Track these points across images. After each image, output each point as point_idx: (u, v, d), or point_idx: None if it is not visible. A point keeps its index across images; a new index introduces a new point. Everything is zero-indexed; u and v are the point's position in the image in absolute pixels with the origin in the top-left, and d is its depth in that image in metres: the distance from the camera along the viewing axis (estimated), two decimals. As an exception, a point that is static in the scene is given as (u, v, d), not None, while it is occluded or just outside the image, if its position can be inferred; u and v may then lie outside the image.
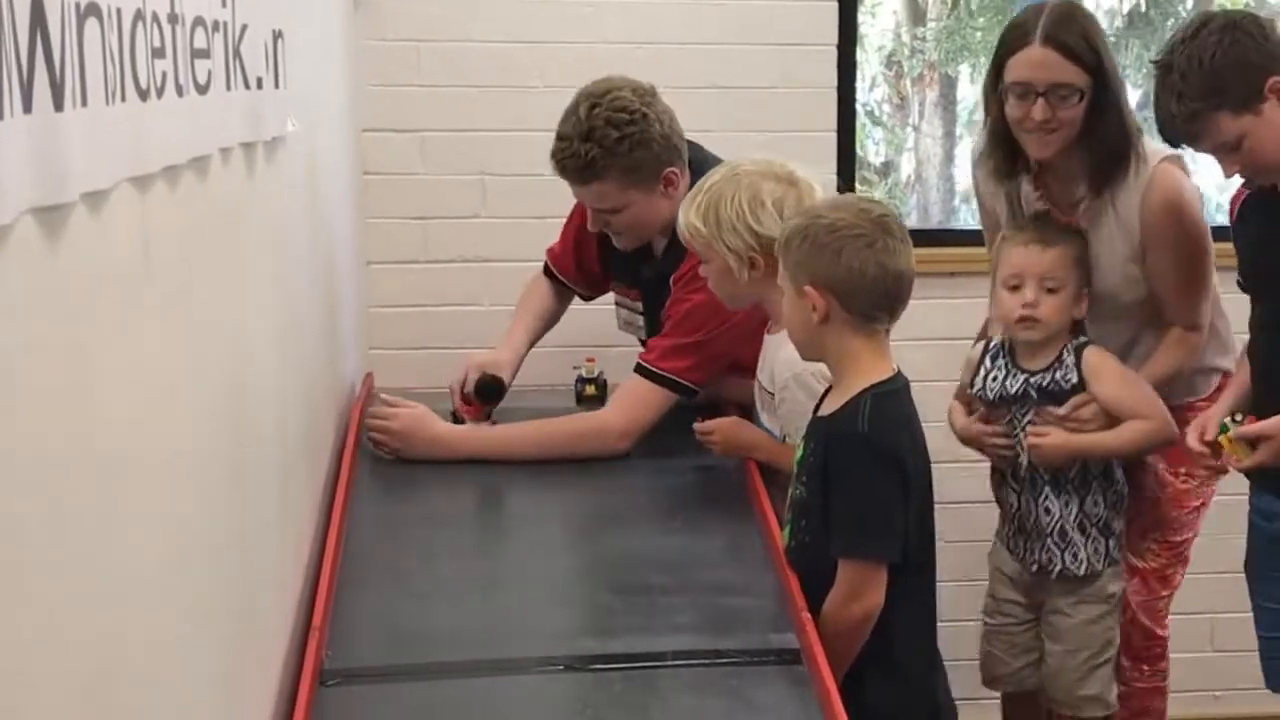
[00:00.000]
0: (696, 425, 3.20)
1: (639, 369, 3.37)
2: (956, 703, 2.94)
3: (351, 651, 2.47)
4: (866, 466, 2.65)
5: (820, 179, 3.14)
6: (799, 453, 2.80)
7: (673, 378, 3.32)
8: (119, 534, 1.40)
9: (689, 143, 3.56)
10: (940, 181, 6.01)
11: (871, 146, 6.20)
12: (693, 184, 3.35)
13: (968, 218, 5.61)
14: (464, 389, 3.54)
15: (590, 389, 3.62)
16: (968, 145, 6.12)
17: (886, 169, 6.33)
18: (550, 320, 3.92)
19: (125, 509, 1.43)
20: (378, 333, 4.28)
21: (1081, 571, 3.40)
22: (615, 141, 3.35)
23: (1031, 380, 3.40)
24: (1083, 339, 3.40)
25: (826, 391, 2.80)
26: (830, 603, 2.63)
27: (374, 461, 3.29)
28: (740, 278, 2.96)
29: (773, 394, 3.08)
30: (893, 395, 2.69)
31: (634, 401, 3.35)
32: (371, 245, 4.26)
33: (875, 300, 2.66)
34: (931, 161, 6.19)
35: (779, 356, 3.00)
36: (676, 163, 3.44)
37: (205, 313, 1.89)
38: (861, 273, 2.62)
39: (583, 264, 3.86)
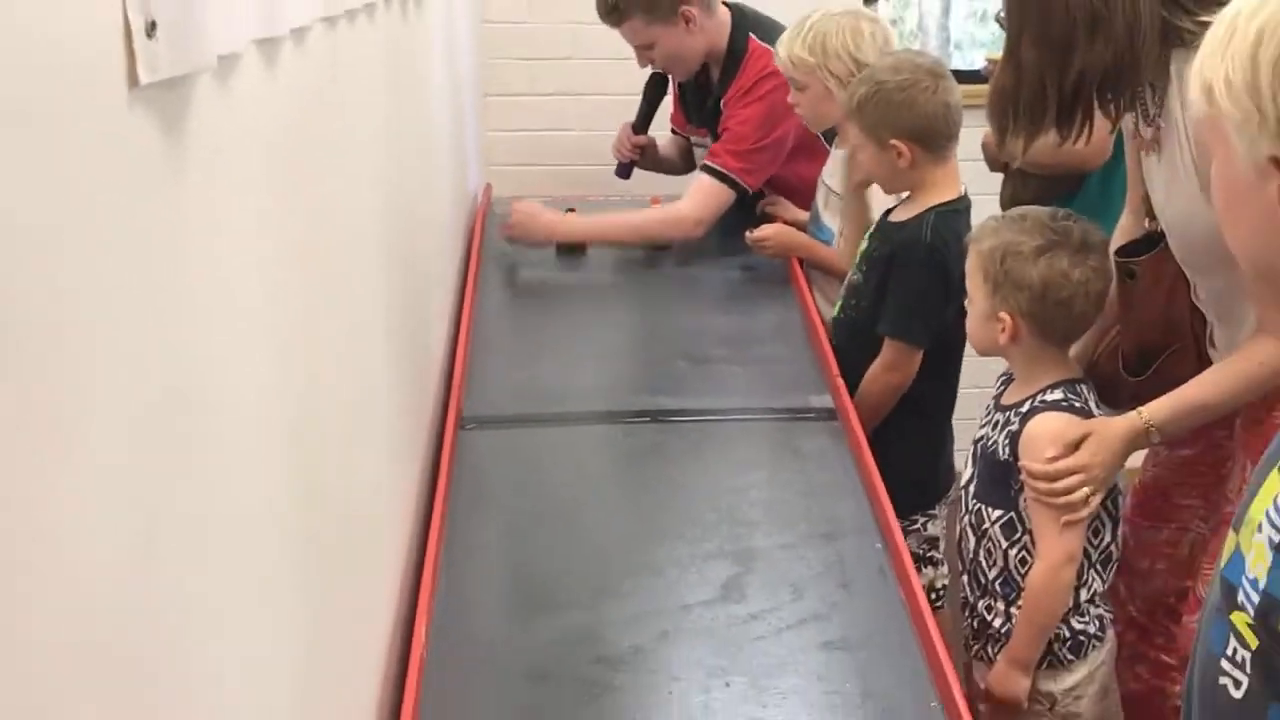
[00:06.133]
0: (750, 234, 3.16)
1: (705, 168, 3.33)
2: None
3: (483, 402, 2.48)
4: (922, 268, 2.59)
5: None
6: (864, 246, 2.74)
7: (732, 176, 3.28)
8: (307, 305, 1.39)
9: (736, 5, 3.48)
10: (938, 30, 5.89)
11: (883, 6, 6.10)
12: (738, 38, 3.38)
13: (958, 61, 5.51)
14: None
15: None
16: (960, 2, 6.00)
17: (894, 22, 6.24)
18: (672, 153, 3.86)
19: (320, 277, 1.42)
20: (493, 153, 4.24)
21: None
22: None
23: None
24: (1056, 395, 2.19)
25: None
26: (872, 371, 2.62)
27: (495, 259, 3.27)
28: (839, 98, 2.79)
29: (840, 195, 3.02)
30: (954, 215, 2.61)
31: (703, 195, 3.30)
32: (488, 81, 4.20)
33: (946, 133, 2.59)
34: (932, 14, 6.07)
35: None
36: (693, 1, 3.34)
37: (374, 128, 1.86)
38: (933, 115, 2.56)
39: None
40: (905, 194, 2.68)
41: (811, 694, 1.68)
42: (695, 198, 3.32)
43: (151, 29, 0.79)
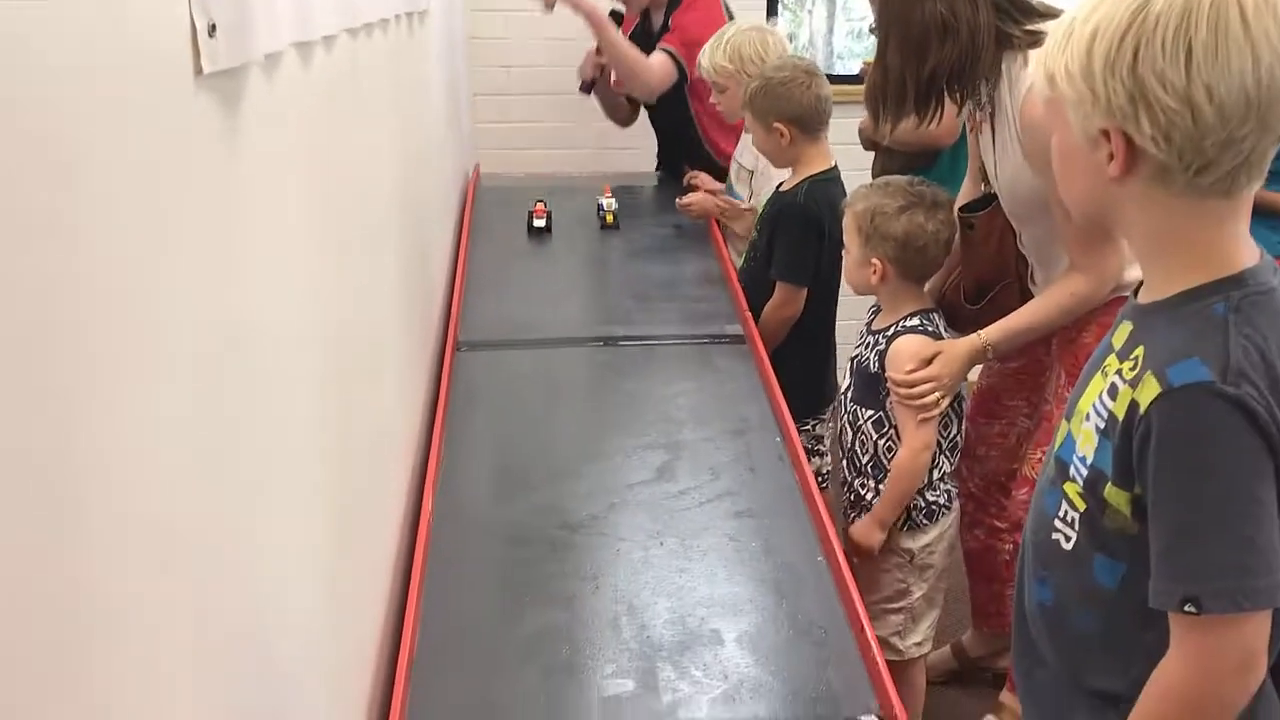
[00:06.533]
0: (679, 200, 3.15)
1: (661, 49, 3.33)
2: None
3: (475, 331, 2.48)
4: (799, 225, 2.60)
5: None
6: (760, 211, 2.75)
7: (679, 57, 3.29)
8: (338, 257, 1.38)
9: None
10: (824, 44, 5.86)
11: (781, 23, 6.03)
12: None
13: (840, 68, 5.47)
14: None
15: (609, 217, 3.23)
16: (840, 24, 5.95)
17: (790, 37, 6.14)
18: (621, 98, 3.70)
19: (346, 235, 1.41)
20: (481, 139, 4.19)
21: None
22: None
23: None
24: (914, 322, 2.17)
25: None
26: (768, 308, 2.62)
27: (483, 222, 3.23)
28: None
29: (751, 170, 3.01)
30: (826, 182, 2.60)
31: (660, 65, 3.31)
32: (477, 83, 4.14)
33: (818, 119, 2.59)
34: (820, 31, 6.03)
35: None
36: None
37: (387, 117, 1.84)
38: (808, 105, 2.55)
39: None
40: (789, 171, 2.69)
41: (725, 551, 1.69)
42: (659, 64, 3.32)
43: (212, 30, 0.79)
